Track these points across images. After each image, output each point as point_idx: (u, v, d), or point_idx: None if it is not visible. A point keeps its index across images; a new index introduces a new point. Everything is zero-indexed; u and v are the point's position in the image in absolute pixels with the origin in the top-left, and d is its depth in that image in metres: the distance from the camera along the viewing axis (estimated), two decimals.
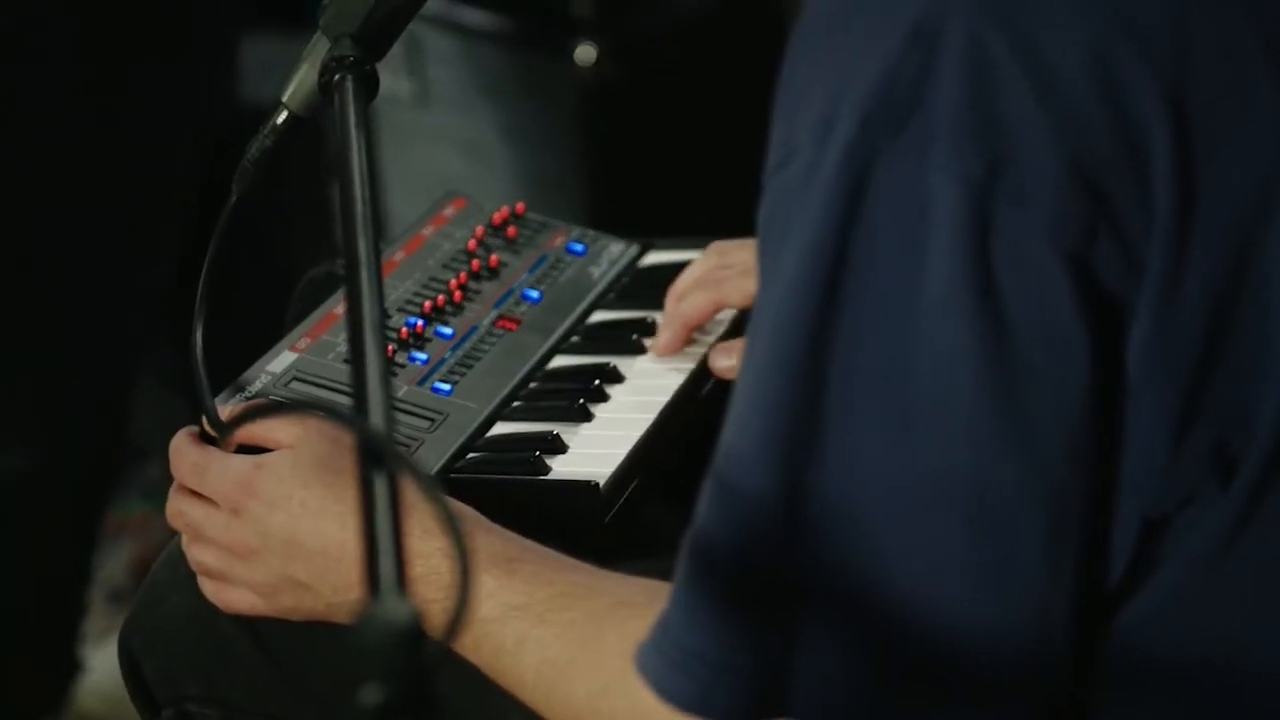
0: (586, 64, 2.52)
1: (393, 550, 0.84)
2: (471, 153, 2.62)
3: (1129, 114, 0.92)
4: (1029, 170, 0.92)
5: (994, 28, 0.92)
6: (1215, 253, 0.94)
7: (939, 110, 0.92)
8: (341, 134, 1.18)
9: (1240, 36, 0.94)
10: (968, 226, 0.92)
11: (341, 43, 1.27)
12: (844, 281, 0.94)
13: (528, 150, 2.59)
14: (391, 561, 0.83)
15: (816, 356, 0.94)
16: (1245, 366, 0.95)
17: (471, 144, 2.62)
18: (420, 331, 1.46)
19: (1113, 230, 0.92)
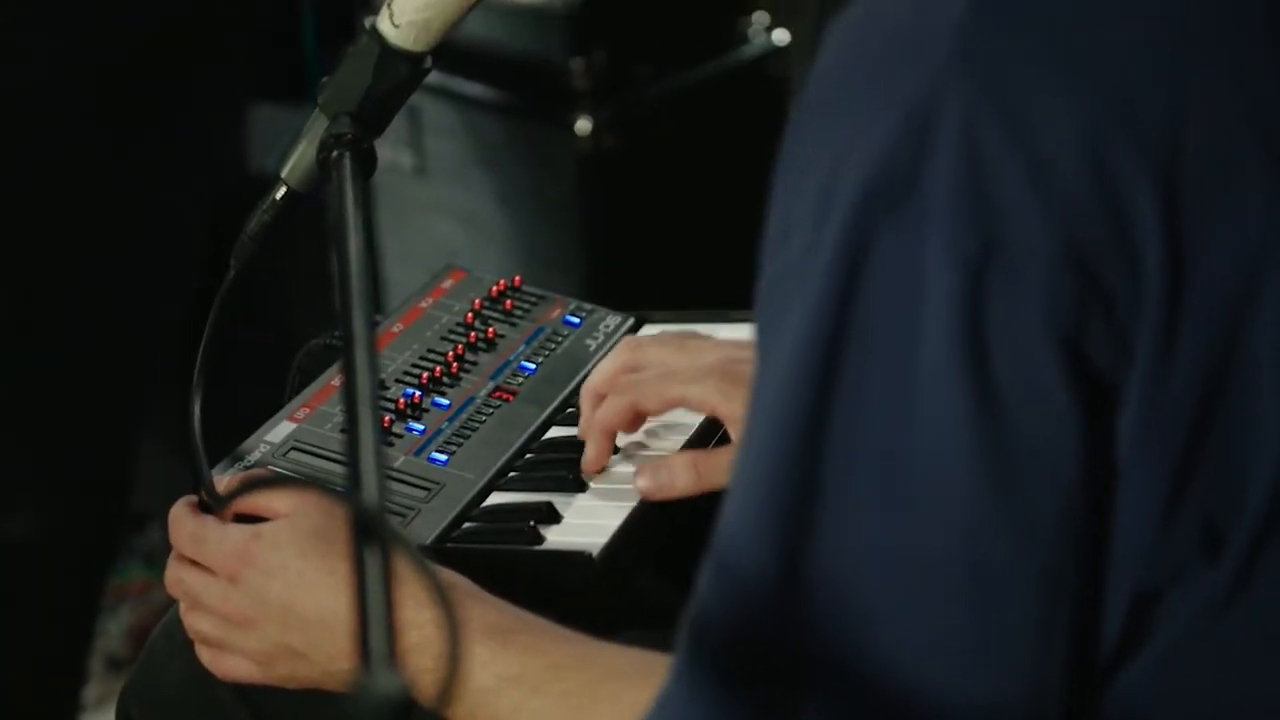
0: (585, 135, 2.54)
1: (384, 622, 0.85)
2: (470, 223, 2.65)
3: (1121, 199, 0.94)
4: (1023, 253, 0.93)
5: (989, 111, 0.93)
6: (1204, 334, 0.95)
7: (934, 192, 0.94)
8: (339, 211, 1.20)
9: (1230, 115, 0.96)
10: (962, 308, 0.94)
11: (340, 120, 1.30)
12: (841, 361, 0.96)
13: (526, 221, 2.61)
14: (383, 633, 0.85)
15: (813, 435, 0.96)
16: (1234, 445, 0.96)
17: (470, 214, 2.65)
18: (418, 402, 1.48)
19: (1105, 312, 0.94)
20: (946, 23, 0.94)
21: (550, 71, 2.56)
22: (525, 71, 2.58)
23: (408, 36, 1.31)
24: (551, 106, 2.56)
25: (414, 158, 2.67)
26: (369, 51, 1.31)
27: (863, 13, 0.99)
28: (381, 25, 1.31)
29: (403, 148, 2.67)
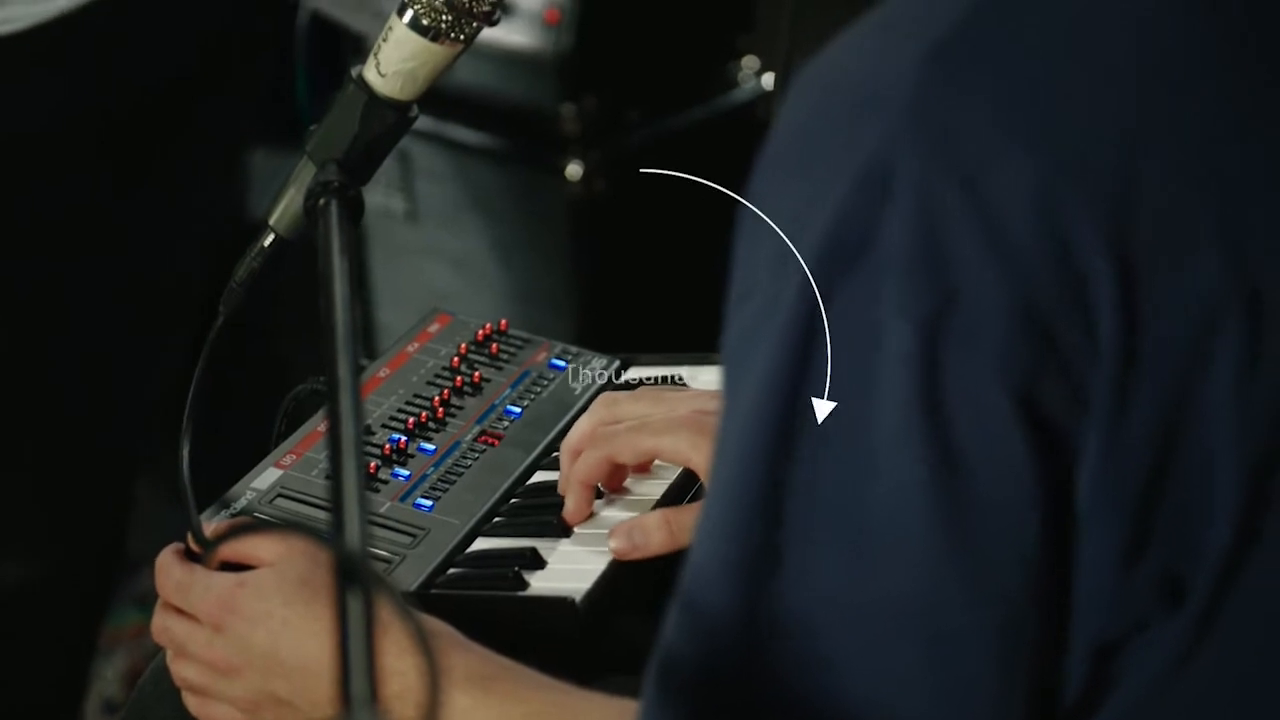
0: (575, 180, 2.56)
1: (365, 669, 0.86)
2: (461, 267, 2.66)
3: (1075, 257, 0.95)
4: (977, 311, 0.94)
5: (943, 171, 0.95)
6: (1159, 388, 0.96)
7: (889, 251, 0.95)
8: (325, 258, 1.21)
9: (1183, 175, 0.97)
10: (918, 365, 0.95)
11: (327, 168, 1.31)
12: (801, 414, 0.97)
13: (517, 265, 2.63)
14: (364, 680, 0.86)
15: (776, 484, 0.97)
16: (1191, 497, 0.97)
17: (462, 259, 2.66)
18: (403, 448, 1.48)
19: (1060, 368, 0.95)
20: (902, 82, 0.95)
21: (540, 117, 2.57)
22: (516, 117, 2.60)
23: (394, 86, 1.32)
24: (542, 151, 2.58)
25: (406, 203, 2.69)
26: (355, 100, 1.32)
27: (821, 70, 1.00)
28: (368, 74, 1.32)
29: (394, 193, 2.68)
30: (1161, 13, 1.00)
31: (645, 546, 1.37)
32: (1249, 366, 0.97)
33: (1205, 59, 1.00)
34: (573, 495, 1.43)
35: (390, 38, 1.31)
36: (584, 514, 1.43)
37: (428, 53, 1.30)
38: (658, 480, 1.47)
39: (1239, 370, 0.97)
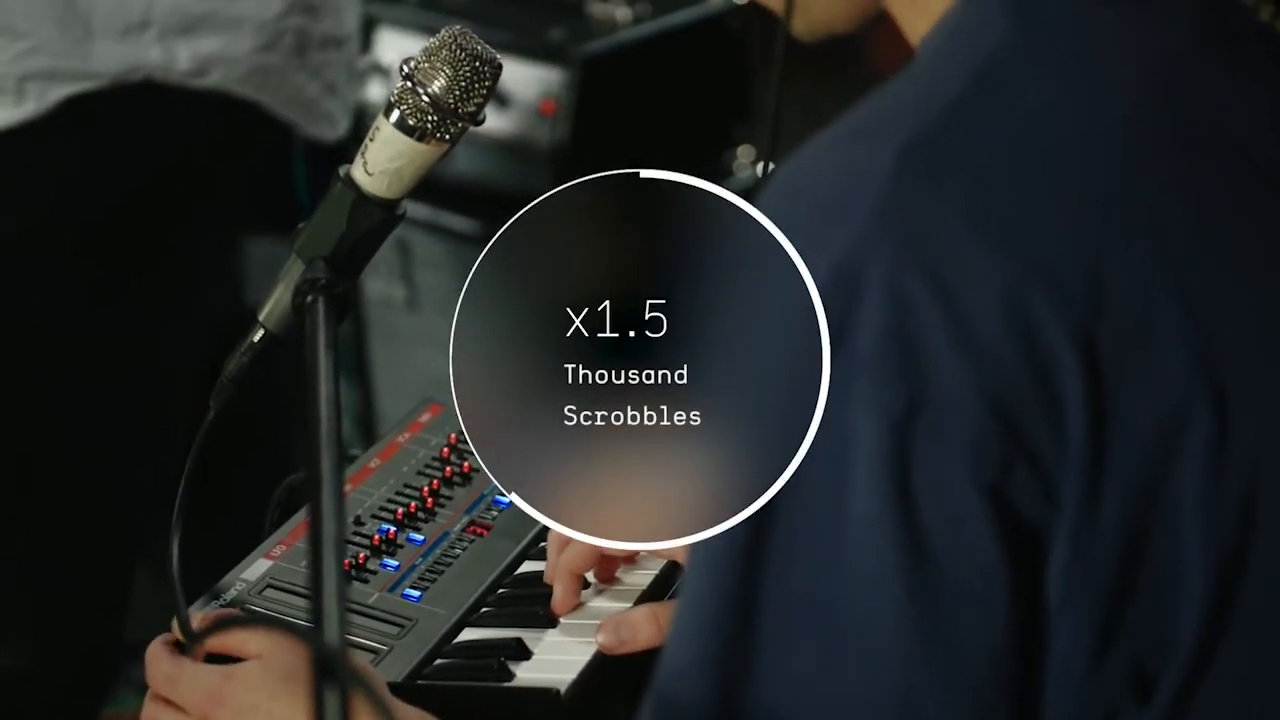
0: None
1: None
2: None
3: (1043, 355, 0.96)
4: (947, 408, 0.96)
5: (912, 270, 0.97)
6: (1128, 482, 0.98)
7: (861, 348, 0.97)
8: (310, 355, 1.23)
9: (1148, 275, 0.99)
10: (889, 459, 0.97)
11: (315, 265, 1.33)
12: (773, 509, 0.99)
13: None
14: None
15: (749, 578, 0.99)
16: (1160, 590, 0.99)
17: None
18: (392, 538, 1.50)
19: (1029, 463, 0.97)
20: (874, 181, 0.98)
21: None
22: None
23: (381, 184, 1.34)
24: None
25: (405, 291, 2.71)
26: (343, 198, 1.34)
27: (794, 173, 1.03)
28: (355, 173, 1.34)
29: (394, 281, 2.71)
30: (1126, 118, 1.02)
31: (633, 642, 1.39)
32: (1215, 462, 0.99)
33: (1169, 161, 1.02)
34: (560, 585, 1.45)
35: (377, 137, 1.33)
36: (571, 604, 1.45)
37: (414, 152, 1.32)
38: (644, 570, 1.49)
39: (1206, 466, 0.98)
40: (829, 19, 1.13)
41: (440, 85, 1.30)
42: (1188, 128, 1.03)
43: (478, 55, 1.31)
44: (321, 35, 2.30)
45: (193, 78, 2.21)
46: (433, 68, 1.30)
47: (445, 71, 1.30)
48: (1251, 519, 1.00)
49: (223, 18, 2.21)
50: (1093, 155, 1.00)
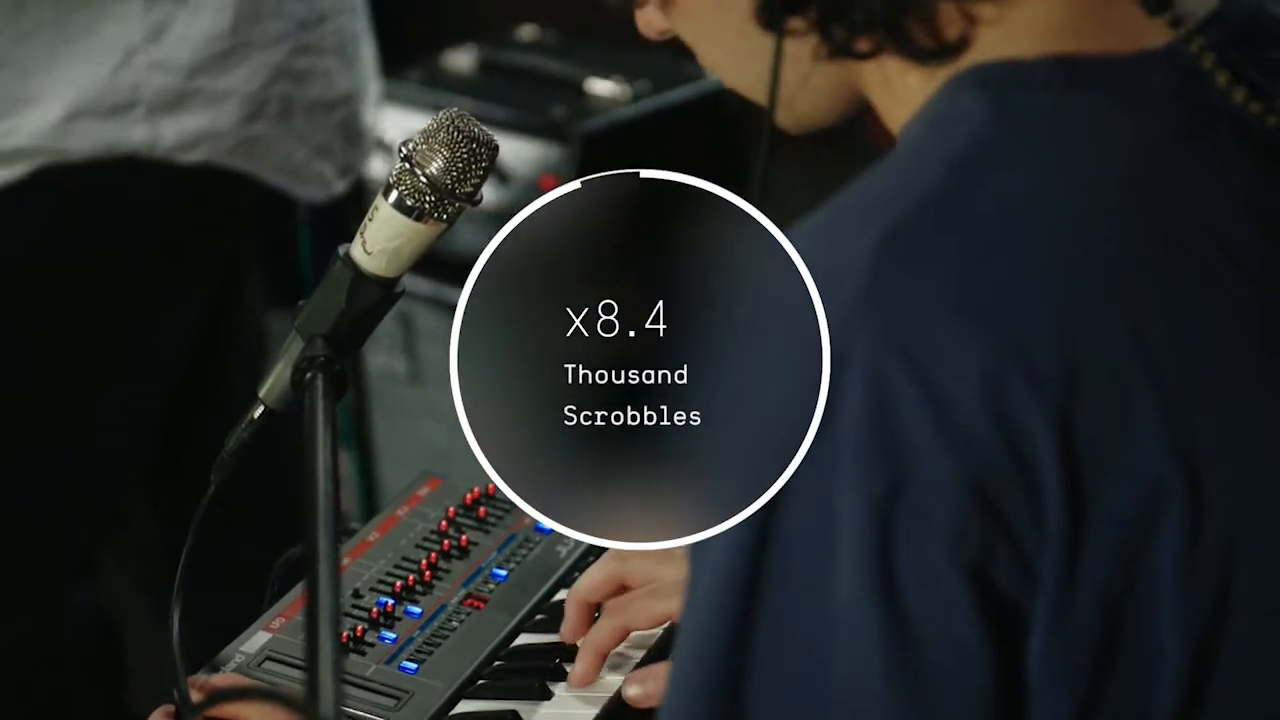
0: None
1: None
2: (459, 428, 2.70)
3: (1020, 438, 0.99)
4: (928, 490, 0.98)
5: (892, 355, 0.99)
6: (1106, 563, 1.00)
7: (843, 432, 0.99)
8: (309, 431, 1.26)
9: (1124, 359, 1.01)
10: (872, 541, 0.99)
11: (314, 343, 1.35)
12: (761, 586, 1.01)
13: None
14: None
15: (737, 652, 1.01)
16: (1138, 667, 1.00)
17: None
18: (390, 611, 1.52)
19: (1009, 544, 0.99)
20: (854, 271, 1.00)
21: None
22: None
23: (379, 263, 1.37)
24: None
25: (407, 364, 2.74)
26: (342, 277, 1.37)
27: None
28: (354, 252, 1.37)
29: (396, 354, 2.74)
30: (1102, 205, 1.04)
31: (660, 695, 1.41)
32: (1191, 543, 1.01)
33: (1145, 248, 1.04)
34: (584, 661, 1.48)
35: (376, 217, 1.36)
36: (592, 678, 1.47)
37: (412, 231, 1.35)
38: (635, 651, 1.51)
39: (1182, 547, 1.00)
40: (813, 113, 1.16)
41: (438, 166, 1.33)
42: (1164, 215, 1.05)
43: (474, 137, 1.34)
44: (309, 100, 2.30)
45: (178, 153, 2.21)
46: (430, 149, 1.33)
47: (443, 153, 1.33)
48: (1227, 598, 1.01)
49: (210, 93, 2.21)
50: (1069, 241, 1.03)
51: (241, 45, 2.22)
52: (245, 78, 2.23)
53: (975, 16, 1.07)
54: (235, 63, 2.22)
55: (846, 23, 1.08)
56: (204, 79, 2.21)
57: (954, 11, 1.07)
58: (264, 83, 2.25)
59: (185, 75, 2.20)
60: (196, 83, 2.21)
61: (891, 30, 1.07)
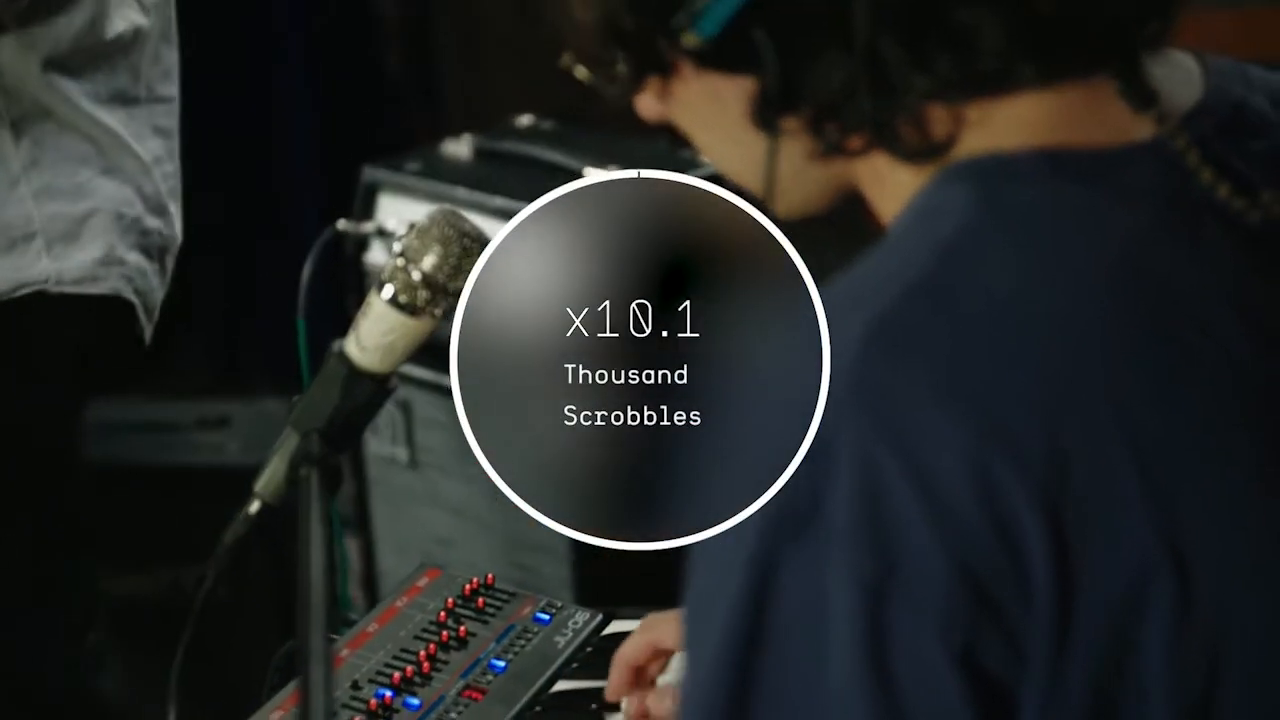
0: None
1: None
2: (460, 514, 2.71)
3: (1007, 520, 1.00)
4: (917, 575, 1.00)
5: (881, 442, 1.00)
6: (1094, 643, 1.01)
7: (834, 519, 1.00)
8: (303, 527, 1.27)
9: (1109, 443, 1.02)
10: (864, 625, 1.00)
11: (309, 438, 1.37)
12: (755, 671, 1.02)
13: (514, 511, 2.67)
14: None
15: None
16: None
17: (460, 506, 2.71)
18: (389, 703, 1.53)
19: (998, 627, 1.00)
20: (844, 358, 1.02)
21: None
22: None
23: (373, 359, 1.38)
24: None
25: (407, 451, 2.75)
26: (337, 373, 1.38)
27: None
28: (349, 348, 1.39)
29: (396, 441, 2.75)
30: (1087, 293, 1.06)
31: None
32: (1179, 623, 1.02)
33: (1128, 335, 1.05)
34: (616, 672, 1.54)
35: (370, 313, 1.37)
36: (623, 693, 1.53)
37: (405, 327, 1.36)
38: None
39: (1170, 627, 1.01)
40: (804, 202, 1.18)
41: (430, 263, 1.35)
42: (1148, 304, 1.06)
43: (466, 233, 1.36)
44: None
45: (87, 285, 2.11)
46: (423, 246, 1.35)
47: (435, 249, 1.35)
48: (1216, 679, 1.02)
49: (107, 215, 2.12)
50: (1054, 329, 1.04)
51: (114, 169, 2.15)
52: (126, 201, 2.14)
53: (963, 116, 1.09)
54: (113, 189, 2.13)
55: (838, 122, 1.10)
56: (96, 198, 2.12)
57: (942, 112, 1.09)
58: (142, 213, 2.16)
59: (70, 199, 2.11)
60: (88, 202, 2.11)
61: (881, 130, 1.09)
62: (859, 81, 1.08)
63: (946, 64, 1.07)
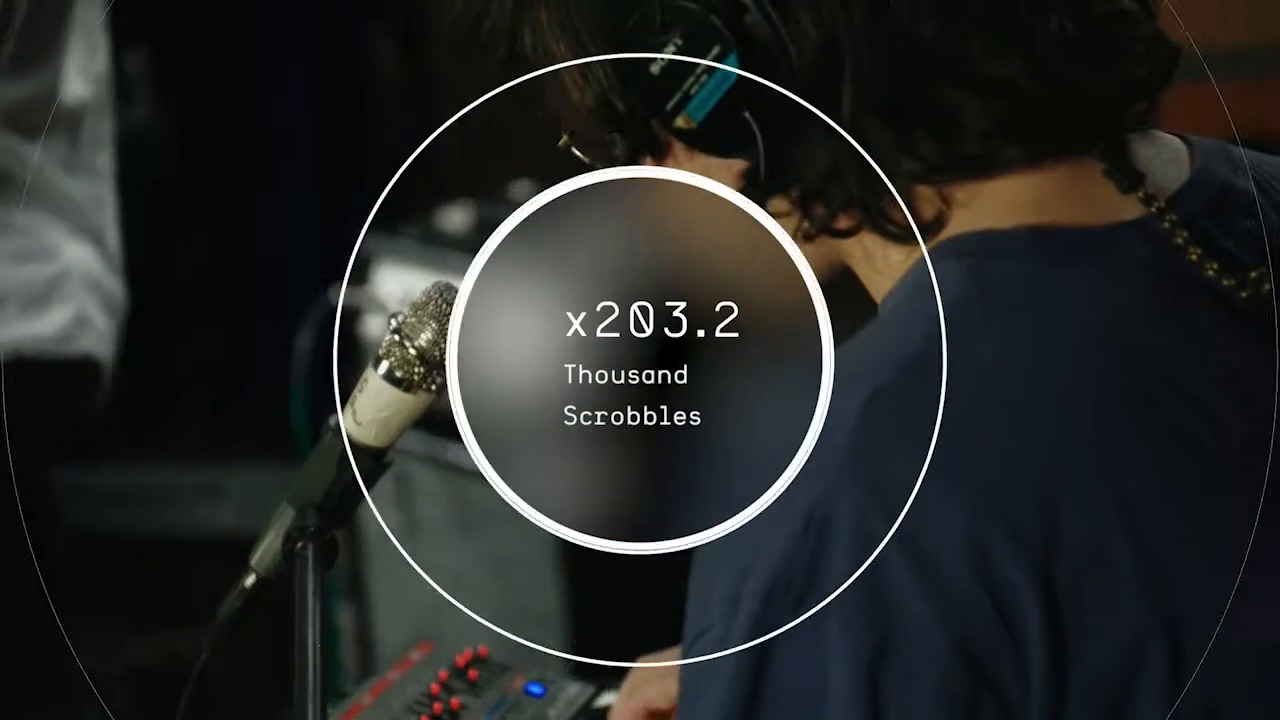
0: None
1: None
2: (456, 584, 2.72)
3: (1002, 592, 1.01)
4: (914, 649, 1.01)
5: (878, 516, 1.02)
6: (1089, 713, 1.02)
7: (831, 592, 1.01)
8: (299, 601, 1.27)
9: (1101, 512, 1.04)
10: (862, 695, 1.01)
11: (305, 512, 1.37)
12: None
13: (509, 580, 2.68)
14: None
15: None
16: None
17: (456, 575, 2.72)
18: None
19: (994, 697, 1.01)
20: (841, 433, 1.03)
21: None
22: None
23: (369, 433, 1.38)
24: None
25: (403, 519, 2.75)
26: (333, 447, 1.38)
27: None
28: (345, 423, 1.39)
29: (393, 510, 2.75)
30: (1076, 368, 1.07)
31: None
32: (1173, 689, 1.03)
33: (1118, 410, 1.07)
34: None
35: (366, 388, 1.37)
36: None
37: (401, 402, 1.37)
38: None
39: (1165, 693, 1.03)
40: None
41: (427, 339, 1.35)
42: (1138, 382, 1.08)
43: None
44: None
45: (62, 346, 2.12)
46: (419, 321, 1.35)
47: (431, 325, 1.35)
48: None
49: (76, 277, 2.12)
50: (1045, 403, 1.06)
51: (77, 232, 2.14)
52: None
53: (950, 198, 1.10)
54: None
55: (826, 203, 1.11)
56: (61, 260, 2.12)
57: (930, 193, 1.10)
58: None
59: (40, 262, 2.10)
60: (55, 265, 2.11)
61: (870, 211, 1.10)
62: (845, 163, 1.09)
63: (931, 147, 1.08)
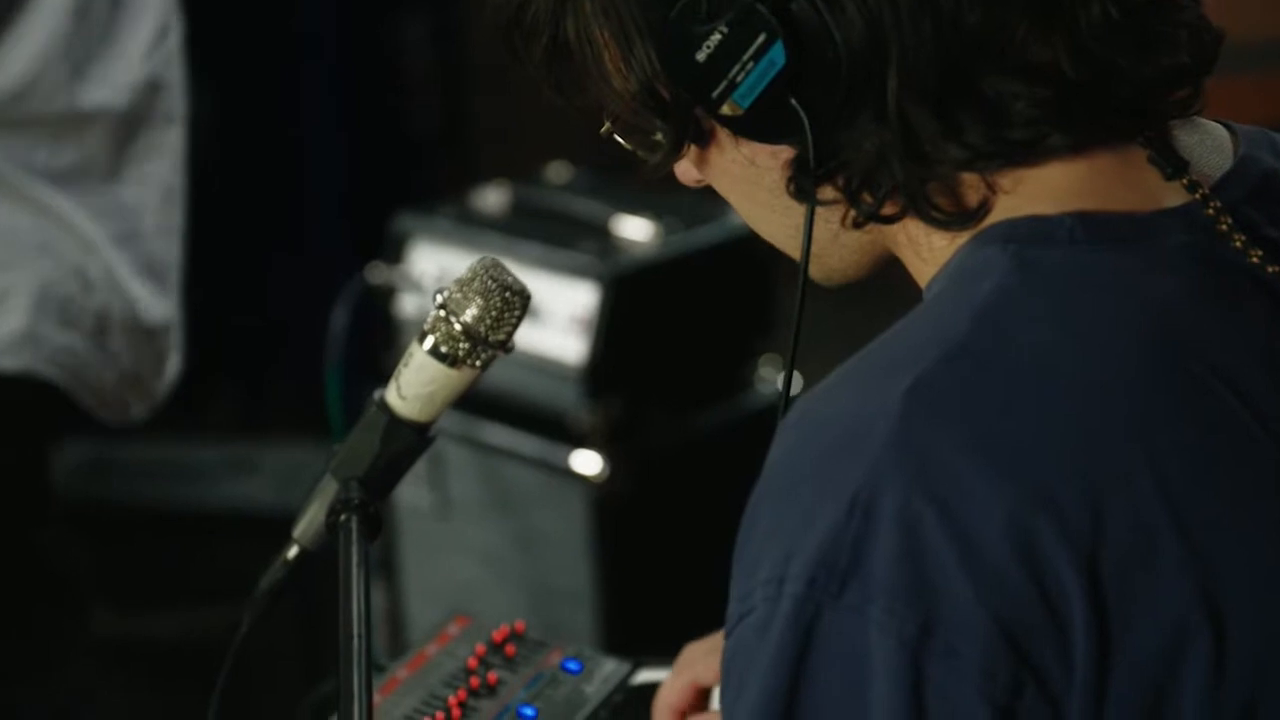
0: (597, 480, 2.64)
1: None
2: (489, 563, 2.73)
3: (1046, 577, 1.02)
4: (957, 630, 1.01)
5: (923, 500, 1.02)
6: (1131, 699, 1.03)
7: (875, 574, 1.02)
8: (344, 573, 1.29)
9: (1147, 503, 1.04)
10: (904, 679, 1.02)
11: (349, 485, 1.38)
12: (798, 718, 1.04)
13: (542, 561, 2.69)
14: None
15: None
16: None
17: (489, 554, 2.73)
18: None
19: (1036, 681, 1.02)
20: (885, 416, 1.04)
21: (564, 419, 2.66)
22: (541, 419, 2.68)
23: (413, 408, 1.40)
24: (567, 451, 2.66)
25: (436, 499, 2.76)
26: (377, 421, 1.40)
27: (812, 406, 1.09)
28: (389, 397, 1.40)
29: (426, 490, 2.76)
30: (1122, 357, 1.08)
31: None
32: (1215, 683, 1.03)
33: (1165, 399, 1.07)
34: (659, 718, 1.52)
35: (411, 363, 1.39)
36: None
37: (445, 377, 1.38)
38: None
39: (1207, 685, 1.03)
40: (843, 268, 1.20)
41: (472, 315, 1.36)
42: (1183, 369, 1.08)
43: (508, 286, 1.37)
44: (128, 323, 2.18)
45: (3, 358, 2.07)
46: (465, 298, 1.37)
47: (477, 301, 1.36)
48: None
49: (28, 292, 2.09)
50: (1091, 391, 1.06)
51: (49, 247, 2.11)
52: None
53: (995, 184, 1.11)
54: None
55: (873, 191, 1.12)
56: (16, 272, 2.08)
57: (975, 179, 1.11)
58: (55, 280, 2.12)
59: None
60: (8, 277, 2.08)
61: (915, 197, 1.11)
62: (891, 150, 1.10)
63: (978, 134, 1.09)
